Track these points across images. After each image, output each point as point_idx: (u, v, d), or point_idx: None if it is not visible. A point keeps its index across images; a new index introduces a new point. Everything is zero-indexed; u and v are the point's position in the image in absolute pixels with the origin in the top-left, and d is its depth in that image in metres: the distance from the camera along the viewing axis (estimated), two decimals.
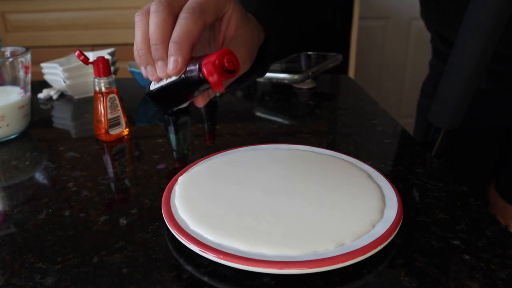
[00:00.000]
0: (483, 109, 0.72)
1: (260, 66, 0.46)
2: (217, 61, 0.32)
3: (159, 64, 0.35)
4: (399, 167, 0.51)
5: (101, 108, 0.58)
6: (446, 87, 0.53)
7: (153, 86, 0.37)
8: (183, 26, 0.33)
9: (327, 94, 0.87)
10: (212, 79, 0.32)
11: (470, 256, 0.35)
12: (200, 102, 0.39)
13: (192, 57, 0.35)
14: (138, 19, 0.36)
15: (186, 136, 0.64)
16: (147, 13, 0.35)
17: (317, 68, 0.82)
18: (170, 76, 0.35)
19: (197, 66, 0.33)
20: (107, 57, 0.80)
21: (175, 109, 0.40)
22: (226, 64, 0.32)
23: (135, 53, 0.36)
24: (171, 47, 0.33)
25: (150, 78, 0.36)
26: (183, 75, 0.34)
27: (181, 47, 0.33)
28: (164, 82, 0.36)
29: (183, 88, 0.35)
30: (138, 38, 0.36)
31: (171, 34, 0.34)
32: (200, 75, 0.33)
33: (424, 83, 0.86)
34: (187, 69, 0.34)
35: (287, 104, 0.79)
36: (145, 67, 0.36)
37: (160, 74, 0.35)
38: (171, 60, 0.34)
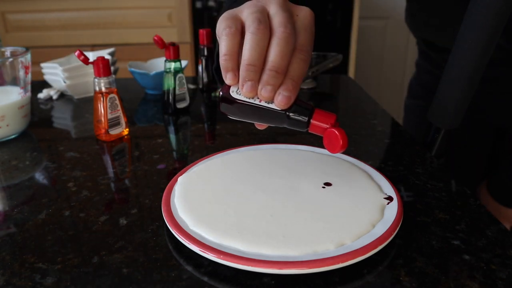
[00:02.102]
0: (475, 110, 0.72)
1: None
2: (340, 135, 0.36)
3: (268, 88, 0.34)
4: (399, 167, 0.51)
5: (101, 108, 0.58)
6: (446, 87, 0.53)
7: (236, 95, 0.37)
8: (301, 68, 0.35)
9: (327, 94, 0.87)
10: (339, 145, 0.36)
11: (470, 256, 0.35)
12: (263, 127, 0.41)
13: None
14: (255, 28, 0.34)
15: (186, 136, 0.64)
16: (266, 26, 0.35)
17: (317, 68, 0.82)
18: (269, 102, 0.36)
19: (308, 116, 0.36)
20: (107, 57, 0.80)
21: (235, 119, 0.40)
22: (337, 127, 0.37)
23: (244, 65, 0.34)
24: (290, 83, 0.34)
25: (245, 91, 0.35)
26: (285, 111, 0.36)
27: (297, 87, 0.35)
28: (254, 100, 0.37)
29: (271, 117, 0.37)
30: (253, 51, 0.34)
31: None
32: (306, 126, 0.37)
33: (410, 82, 0.86)
34: (292, 107, 0.36)
35: None
36: (247, 80, 0.34)
37: (264, 97, 0.35)
38: (285, 95, 0.34)
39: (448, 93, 0.53)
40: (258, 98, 0.36)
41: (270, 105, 0.36)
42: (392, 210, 0.38)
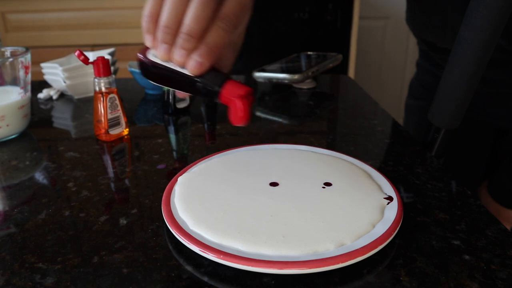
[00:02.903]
0: (476, 111, 0.72)
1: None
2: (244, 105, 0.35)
3: (181, 52, 0.33)
4: (399, 167, 0.51)
5: (101, 108, 0.58)
6: (446, 87, 0.53)
7: (153, 58, 0.36)
8: (220, 36, 0.34)
9: (327, 94, 0.87)
10: (240, 113, 0.35)
11: (470, 256, 0.35)
12: (182, 95, 0.40)
13: None
14: None
15: (186, 136, 0.64)
16: None
17: (317, 68, 0.82)
18: (183, 67, 0.35)
19: (219, 85, 0.35)
20: (107, 57, 0.80)
21: (155, 84, 0.40)
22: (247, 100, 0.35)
23: (160, 26, 0.34)
24: (203, 49, 0.33)
25: (159, 54, 0.34)
26: (197, 78, 0.35)
27: (211, 54, 0.34)
28: (169, 65, 0.36)
29: (185, 83, 0.36)
30: (169, 14, 0.33)
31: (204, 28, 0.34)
32: (216, 94, 0.35)
33: (411, 82, 0.86)
34: (205, 75, 0.35)
35: (287, 104, 0.79)
36: (161, 43, 0.34)
37: (176, 61, 0.34)
38: (197, 61, 0.34)
39: (448, 93, 0.53)
40: (173, 63, 0.36)
41: (184, 71, 0.35)
42: (392, 210, 0.38)
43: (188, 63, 0.34)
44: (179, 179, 0.44)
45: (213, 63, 0.35)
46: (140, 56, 0.38)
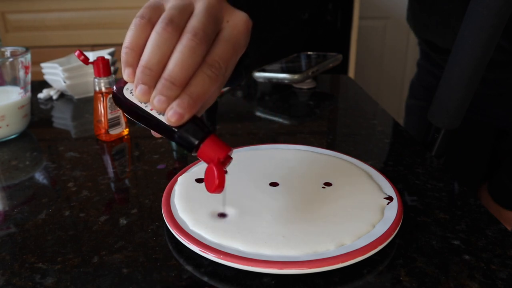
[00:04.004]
0: (476, 111, 0.72)
1: (235, 77, 0.41)
2: (219, 171, 0.31)
3: (160, 98, 0.29)
4: (399, 167, 0.51)
5: (101, 108, 0.58)
6: (446, 87, 0.53)
7: (128, 95, 0.33)
8: (205, 85, 0.30)
9: (327, 94, 0.87)
10: (214, 181, 0.31)
11: (470, 256, 0.35)
12: (157, 135, 0.35)
13: None
14: (161, 28, 0.30)
15: None
16: (175, 28, 0.30)
17: (317, 68, 0.82)
18: (160, 113, 0.32)
19: (198, 141, 0.31)
20: (107, 57, 0.80)
21: (128, 117, 0.36)
22: (224, 165, 0.32)
23: (140, 65, 0.30)
24: (185, 99, 0.29)
25: (136, 94, 0.30)
26: (174, 127, 0.31)
27: (194, 106, 0.30)
28: (145, 107, 0.32)
29: (160, 128, 0.32)
30: (152, 53, 0.30)
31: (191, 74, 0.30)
32: (194, 151, 0.32)
33: (412, 82, 0.86)
34: (184, 126, 0.31)
35: (287, 104, 0.79)
36: (141, 83, 0.30)
37: (154, 106, 0.30)
38: (177, 111, 0.29)
39: (448, 93, 0.53)
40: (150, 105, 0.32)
41: (161, 117, 0.32)
42: (392, 210, 0.38)
43: (167, 112, 0.30)
44: (179, 179, 0.44)
45: (194, 113, 0.31)
46: (116, 87, 0.34)
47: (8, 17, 1.82)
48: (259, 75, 0.83)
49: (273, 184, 0.43)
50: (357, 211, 0.38)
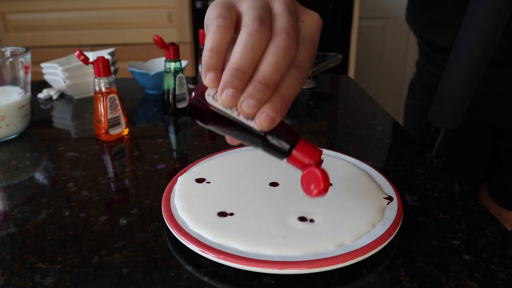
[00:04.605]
0: (476, 111, 0.72)
1: None
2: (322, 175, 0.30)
3: (251, 102, 0.28)
4: (399, 167, 0.51)
5: (101, 108, 0.58)
6: (446, 87, 0.53)
7: (211, 101, 0.31)
8: (295, 87, 0.29)
9: (327, 94, 0.87)
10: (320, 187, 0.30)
11: (470, 256, 0.35)
12: (235, 142, 0.34)
13: None
14: (254, 29, 0.28)
15: (186, 136, 0.64)
16: (267, 28, 0.29)
17: (317, 68, 0.82)
18: (248, 118, 0.30)
19: (290, 146, 0.30)
20: (107, 57, 0.80)
21: (205, 126, 0.33)
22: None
23: (229, 68, 0.28)
24: (277, 102, 0.28)
25: (222, 99, 0.28)
26: (263, 133, 0.30)
27: (285, 108, 0.29)
28: (231, 111, 0.30)
29: (246, 135, 0.31)
30: (244, 55, 0.28)
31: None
32: (285, 156, 0.31)
33: (411, 82, 0.86)
34: (274, 131, 0.30)
35: None
36: (228, 87, 0.28)
37: (243, 111, 0.28)
38: (269, 115, 0.28)
39: (448, 93, 0.53)
40: (236, 111, 0.30)
41: (249, 122, 0.30)
42: (392, 210, 0.38)
43: (257, 116, 0.28)
44: (179, 179, 0.44)
45: (284, 117, 0.29)
46: (195, 94, 0.32)
47: (8, 17, 1.82)
48: None
49: (273, 184, 0.43)
50: (357, 211, 0.38)
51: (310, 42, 0.31)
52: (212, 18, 0.30)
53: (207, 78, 0.29)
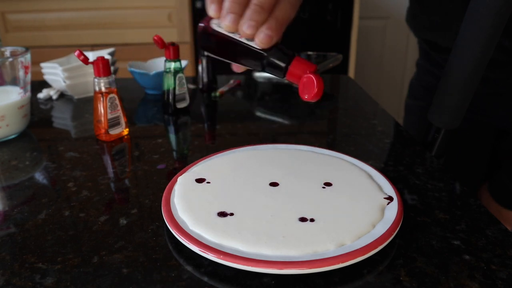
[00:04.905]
0: (477, 111, 0.72)
1: None
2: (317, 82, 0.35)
3: (250, 23, 0.33)
4: (399, 167, 0.51)
5: (101, 108, 0.58)
6: (446, 87, 0.53)
7: (216, 28, 0.36)
8: (288, 11, 0.34)
9: (327, 94, 0.87)
10: (314, 89, 0.35)
11: (470, 256, 0.35)
12: (240, 69, 0.40)
13: None
14: None
15: (186, 136, 0.64)
16: None
17: (317, 68, 0.82)
18: (249, 39, 0.34)
19: (287, 61, 0.35)
20: (107, 57, 0.80)
21: (213, 56, 0.39)
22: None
23: None
24: (273, 22, 0.33)
25: (226, 24, 0.34)
26: (263, 51, 0.34)
27: (280, 28, 0.34)
28: (234, 36, 0.35)
29: (249, 56, 0.35)
30: None
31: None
32: (283, 72, 0.35)
33: (411, 82, 0.86)
34: (272, 50, 0.35)
35: (287, 104, 0.79)
36: (229, 13, 0.33)
37: (244, 33, 0.33)
38: (266, 34, 0.33)
39: (448, 93, 0.53)
40: (238, 34, 0.35)
41: (250, 43, 0.35)
42: (392, 210, 0.38)
43: (257, 36, 0.33)
44: (179, 179, 0.44)
45: (280, 37, 0.34)
46: (202, 24, 0.37)
47: (8, 17, 1.82)
48: (259, 75, 0.83)
49: (273, 184, 0.43)
50: (357, 211, 0.38)
51: None
52: None
53: (211, 9, 0.34)
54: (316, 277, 0.32)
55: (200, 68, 0.83)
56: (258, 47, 0.34)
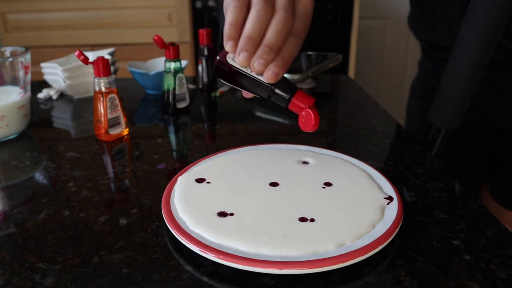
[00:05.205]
0: (477, 111, 0.72)
1: None
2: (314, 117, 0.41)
3: (260, 61, 0.37)
4: (399, 167, 0.51)
5: (101, 108, 0.58)
6: (446, 87, 0.53)
7: (230, 61, 0.42)
8: (293, 50, 0.39)
9: (327, 94, 0.87)
10: (313, 123, 0.41)
11: (470, 256, 0.35)
12: (249, 96, 0.45)
13: None
14: (260, 6, 0.37)
15: (186, 136, 0.64)
16: (270, 6, 0.37)
17: (317, 68, 0.82)
18: (259, 74, 0.40)
19: (290, 94, 0.40)
20: (107, 57, 0.81)
21: (225, 83, 0.46)
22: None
23: (244, 36, 0.37)
24: (280, 61, 0.38)
25: (240, 60, 0.38)
26: (271, 85, 0.40)
27: (286, 65, 0.38)
28: (246, 70, 0.41)
29: (258, 87, 0.41)
30: (254, 27, 0.37)
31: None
32: (286, 103, 0.41)
33: (413, 83, 0.86)
34: (278, 83, 0.40)
35: None
36: (243, 51, 0.37)
37: (255, 69, 0.38)
38: (274, 71, 0.38)
39: (448, 93, 0.53)
40: (250, 69, 0.40)
41: (260, 77, 0.40)
42: (392, 210, 0.38)
43: (265, 72, 0.38)
44: (179, 179, 0.44)
45: (284, 73, 0.39)
46: (219, 58, 0.43)
47: (8, 17, 1.82)
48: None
49: (273, 184, 0.43)
50: (357, 211, 0.38)
51: (304, 17, 0.40)
52: (230, 1, 0.39)
53: (228, 45, 0.39)
54: (316, 277, 0.32)
55: (200, 68, 0.83)
56: (265, 82, 0.40)
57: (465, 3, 0.50)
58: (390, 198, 0.40)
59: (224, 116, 0.72)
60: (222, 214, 0.38)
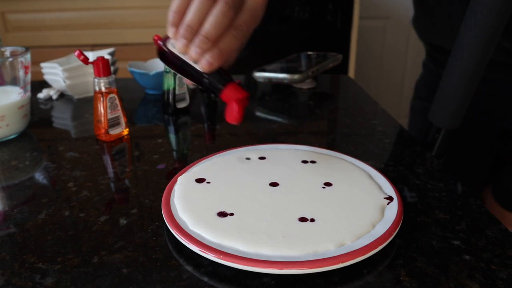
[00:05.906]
0: (479, 112, 0.72)
1: None
2: (238, 107, 0.41)
3: (196, 50, 0.38)
4: (399, 167, 0.51)
5: (101, 108, 0.58)
6: (446, 87, 0.53)
7: (171, 48, 0.42)
8: (231, 43, 0.39)
9: (327, 94, 0.87)
10: (235, 114, 0.41)
11: (470, 256, 0.35)
12: (190, 83, 0.46)
13: None
14: None
15: (186, 136, 0.64)
16: None
17: (317, 68, 0.82)
18: (195, 62, 0.40)
19: (222, 85, 0.41)
20: (107, 57, 0.80)
21: (167, 67, 0.48)
22: (242, 103, 0.41)
23: (183, 24, 0.38)
24: (215, 52, 0.38)
25: (178, 46, 0.39)
26: (205, 74, 0.41)
27: (221, 57, 0.39)
28: (184, 57, 0.41)
29: (193, 75, 0.42)
30: (193, 15, 0.38)
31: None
32: (218, 94, 0.41)
33: (417, 83, 0.86)
34: (212, 74, 0.41)
35: (287, 104, 0.79)
36: (182, 38, 0.38)
37: (191, 56, 0.39)
38: (208, 60, 0.38)
39: (448, 93, 0.53)
40: (188, 56, 0.41)
41: (196, 65, 0.41)
42: (392, 210, 0.38)
43: (200, 61, 0.39)
44: (179, 179, 0.44)
45: (221, 64, 0.40)
46: (160, 43, 0.44)
47: (8, 17, 1.82)
48: (259, 75, 0.83)
49: (273, 184, 0.43)
50: (357, 211, 0.38)
51: (251, 11, 0.40)
52: None
53: (169, 31, 0.40)
54: (316, 277, 0.32)
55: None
56: (200, 70, 0.41)
57: (465, 4, 0.50)
58: (390, 198, 0.40)
59: (224, 116, 0.72)
60: (222, 214, 0.38)
